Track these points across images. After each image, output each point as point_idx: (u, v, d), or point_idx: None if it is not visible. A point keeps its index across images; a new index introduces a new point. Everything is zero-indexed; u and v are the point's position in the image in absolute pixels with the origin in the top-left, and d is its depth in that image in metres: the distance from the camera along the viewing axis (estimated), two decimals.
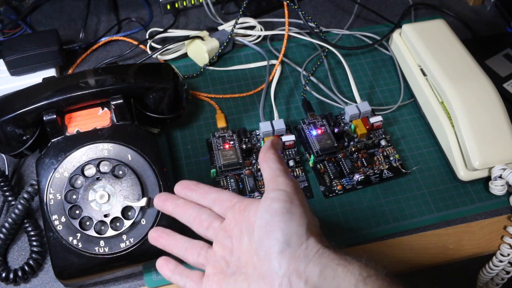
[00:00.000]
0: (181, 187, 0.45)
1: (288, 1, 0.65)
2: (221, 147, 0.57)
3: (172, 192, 0.45)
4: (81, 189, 0.48)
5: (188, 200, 0.44)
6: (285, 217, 0.37)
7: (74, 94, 0.50)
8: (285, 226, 0.36)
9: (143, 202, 0.47)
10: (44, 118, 0.50)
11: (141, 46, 0.69)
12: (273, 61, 0.67)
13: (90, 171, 0.49)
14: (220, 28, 0.70)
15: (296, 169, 0.57)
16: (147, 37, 0.70)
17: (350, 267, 0.35)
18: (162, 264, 0.43)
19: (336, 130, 0.59)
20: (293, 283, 0.35)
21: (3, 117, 0.50)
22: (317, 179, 0.57)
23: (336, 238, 0.52)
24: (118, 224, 0.47)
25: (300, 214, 0.37)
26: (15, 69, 0.62)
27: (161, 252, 0.47)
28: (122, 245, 0.47)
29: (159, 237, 0.44)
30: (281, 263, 0.35)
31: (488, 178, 0.56)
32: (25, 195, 0.50)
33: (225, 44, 0.66)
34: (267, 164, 0.41)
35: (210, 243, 0.42)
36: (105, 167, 0.49)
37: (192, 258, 0.42)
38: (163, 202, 0.44)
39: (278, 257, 0.36)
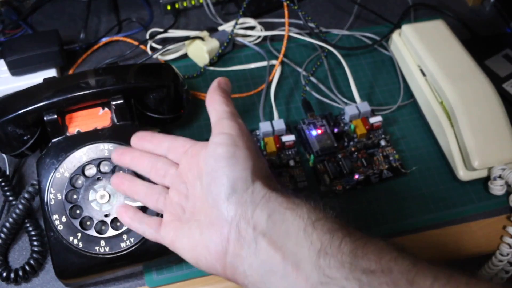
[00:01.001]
0: (137, 138, 0.45)
1: (288, 2, 0.65)
2: None
3: None
4: (82, 189, 0.48)
5: (145, 151, 0.44)
6: (230, 161, 0.36)
7: (74, 94, 0.51)
8: (229, 171, 0.36)
9: None
10: (45, 118, 0.50)
11: (142, 46, 0.69)
12: (273, 62, 0.67)
13: (91, 171, 0.49)
14: (220, 28, 0.70)
15: (296, 169, 0.57)
16: (147, 37, 0.70)
17: (299, 210, 0.34)
18: (121, 211, 0.43)
19: (336, 130, 0.59)
20: (241, 229, 0.35)
21: (4, 117, 0.50)
22: (317, 179, 0.57)
23: None
24: (118, 224, 0.47)
25: (245, 158, 0.36)
26: (16, 69, 0.62)
27: (161, 252, 0.47)
28: (123, 244, 0.47)
29: (121, 183, 0.44)
30: (228, 209, 0.35)
31: (487, 178, 0.56)
32: (26, 195, 0.50)
33: (225, 44, 0.67)
34: (213, 107, 0.40)
35: None
36: (105, 167, 0.49)
37: (152, 203, 0.42)
38: (120, 156, 0.45)
39: (225, 203, 0.35)
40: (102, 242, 0.47)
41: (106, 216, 0.47)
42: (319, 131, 0.58)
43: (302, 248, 0.32)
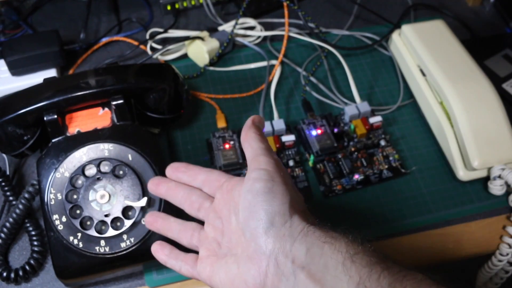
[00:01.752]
0: (172, 169, 0.45)
1: (288, 2, 0.65)
2: (221, 147, 0.57)
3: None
4: (82, 189, 0.48)
5: (180, 182, 0.44)
6: (267, 196, 0.36)
7: (74, 95, 0.51)
8: (267, 205, 0.36)
9: (143, 202, 0.47)
10: (45, 118, 0.50)
11: (142, 46, 0.69)
12: (273, 62, 0.67)
13: (91, 171, 0.49)
14: (220, 28, 0.70)
15: (296, 169, 0.57)
16: (147, 37, 0.70)
17: (337, 244, 0.34)
18: (157, 249, 0.43)
19: (335, 130, 0.59)
20: (280, 263, 0.35)
21: (4, 117, 0.50)
22: (317, 179, 0.57)
23: None
24: (118, 224, 0.47)
25: (282, 192, 0.37)
26: (16, 69, 0.62)
27: None
28: (123, 244, 0.47)
29: (154, 222, 0.44)
30: (266, 243, 0.35)
31: (487, 178, 0.56)
32: (26, 195, 0.50)
33: (225, 44, 0.67)
34: (249, 144, 0.40)
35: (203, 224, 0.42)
36: (105, 167, 0.49)
37: (186, 240, 0.43)
38: (156, 186, 0.45)
39: (263, 237, 0.36)
40: (102, 242, 0.47)
41: (106, 216, 0.47)
42: (319, 131, 0.58)
43: (341, 282, 0.32)
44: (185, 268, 0.41)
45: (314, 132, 0.58)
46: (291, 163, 0.57)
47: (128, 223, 0.47)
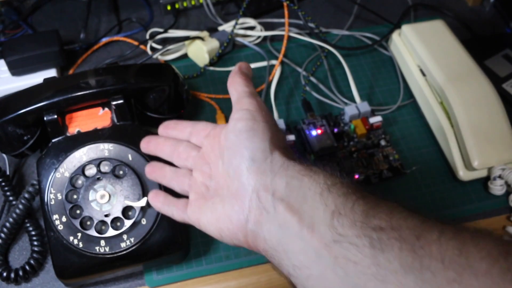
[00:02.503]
0: (162, 127, 0.48)
1: (288, 2, 0.65)
2: None
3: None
4: (82, 189, 0.48)
5: (168, 137, 0.47)
6: (249, 134, 0.38)
7: (75, 95, 0.51)
8: (249, 143, 0.38)
9: (143, 202, 0.47)
10: (45, 118, 0.50)
11: (142, 46, 0.69)
12: (273, 62, 0.67)
13: (91, 171, 0.49)
14: (220, 28, 0.70)
15: None
16: (147, 37, 0.70)
17: (316, 176, 0.36)
18: (152, 197, 0.46)
19: (336, 130, 0.59)
20: (261, 197, 0.36)
21: (4, 117, 0.50)
22: None
23: None
24: (118, 224, 0.47)
25: (263, 130, 0.38)
26: (16, 69, 0.62)
27: (161, 252, 0.47)
28: (123, 244, 0.47)
29: (152, 171, 0.47)
30: (248, 180, 0.37)
31: (487, 178, 0.56)
32: (26, 195, 0.50)
33: (225, 44, 0.67)
34: (234, 88, 0.43)
35: None
36: (105, 167, 0.49)
37: (178, 186, 0.45)
38: (147, 144, 0.48)
39: (246, 174, 0.37)
40: (102, 242, 0.47)
41: (106, 216, 0.47)
42: (319, 131, 0.58)
43: (318, 211, 0.34)
44: (176, 213, 0.43)
45: (314, 132, 0.58)
46: None
47: (128, 223, 0.47)
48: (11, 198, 0.53)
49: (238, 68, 0.44)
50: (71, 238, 0.46)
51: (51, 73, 0.64)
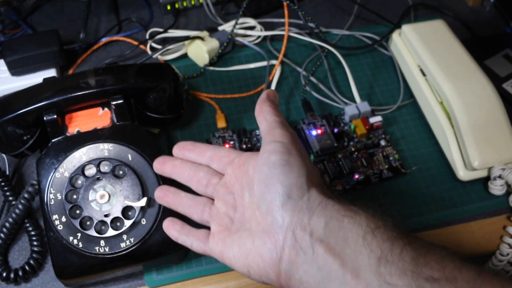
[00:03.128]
0: (178, 148, 0.45)
1: (288, 2, 0.65)
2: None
3: None
4: (82, 189, 0.48)
5: (186, 160, 0.44)
6: (284, 169, 0.36)
7: (74, 94, 0.51)
8: (284, 178, 0.35)
9: (143, 202, 0.47)
10: (45, 118, 0.50)
11: (142, 46, 0.69)
12: (273, 61, 0.67)
13: (91, 171, 0.49)
14: (220, 28, 0.70)
15: None
16: (147, 37, 0.70)
17: (357, 217, 0.33)
18: (168, 225, 0.43)
19: (335, 130, 0.59)
20: (297, 236, 0.34)
21: (4, 117, 0.50)
22: None
23: None
24: (118, 224, 0.47)
25: (299, 165, 0.36)
26: (15, 69, 0.62)
27: (161, 252, 0.47)
28: (123, 245, 0.47)
29: (165, 196, 0.44)
30: (283, 216, 0.35)
31: (487, 178, 0.56)
32: (26, 195, 0.50)
33: (225, 44, 0.66)
34: (263, 117, 0.40)
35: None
36: (105, 167, 0.49)
37: (197, 215, 0.42)
38: (162, 165, 0.45)
39: (280, 210, 0.35)
40: (102, 242, 0.47)
41: (106, 216, 0.47)
42: (319, 131, 0.58)
43: (362, 255, 0.32)
44: (196, 244, 0.41)
45: (314, 132, 0.58)
46: None
47: (128, 223, 0.47)
48: (10, 198, 0.53)
49: (266, 95, 0.42)
50: (71, 238, 0.46)
51: (51, 73, 0.64)
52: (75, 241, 0.46)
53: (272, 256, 0.35)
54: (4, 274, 0.49)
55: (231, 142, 0.57)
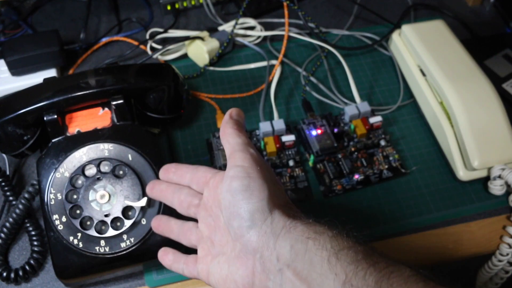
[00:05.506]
0: (163, 171, 0.46)
1: (288, 2, 0.65)
2: (221, 147, 0.57)
3: None
4: (82, 189, 0.48)
5: (170, 182, 0.45)
6: (245, 194, 0.36)
7: (74, 94, 0.51)
8: (245, 204, 0.36)
9: (143, 202, 0.47)
10: (45, 118, 0.50)
11: (142, 46, 0.69)
12: (273, 62, 0.67)
13: (91, 171, 0.49)
14: (220, 28, 0.70)
15: (296, 169, 0.57)
16: (147, 37, 0.70)
17: (321, 239, 0.34)
18: (162, 255, 0.44)
19: (335, 130, 0.59)
20: (266, 262, 0.35)
21: (4, 117, 0.50)
22: (317, 179, 0.57)
23: None
24: (118, 224, 0.47)
25: (259, 188, 0.36)
26: (16, 69, 0.62)
27: None
28: (123, 244, 0.47)
29: (159, 226, 0.45)
30: (251, 242, 0.36)
31: (487, 178, 0.56)
32: (26, 195, 0.50)
33: (225, 44, 0.67)
34: (226, 140, 0.40)
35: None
36: (105, 167, 0.49)
37: (186, 240, 0.43)
38: (151, 190, 0.46)
39: (246, 236, 0.36)
40: (102, 242, 0.47)
41: (106, 216, 0.47)
42: (319, 131, 0.58)
43: (327, 280, 0.32)
44: (187, 270, 0.42)
45: (314, 132, 0.58)
46: (291, 163, 0.57)
47: (128, 223, 0.47)
48: (11, 198, 0.53)
49: (229, 116, 0.42)
50: (71, 238, 0.46)
51: (51, 73, 0.64)
52: (75, 241, 0.46)
53: (244, 282, 0.36)
54: (5, 274, 0.49)
55: None
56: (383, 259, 0.33)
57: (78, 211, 0.47)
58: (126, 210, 0.48)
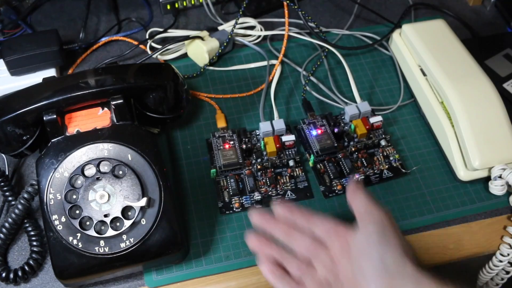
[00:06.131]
0: (279, 208, 0.46)
1: (288, 1, 0.65)
2: (221, 147, 0.57)
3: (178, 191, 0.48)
4: (81, 189, 0.48)
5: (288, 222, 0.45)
6: (380, 239, 0.39)
7: (74, 94, 0.50)
8: (380, 247, 0.38)
9: (143, 202, 0.47)
10: (44, 118, 0.50)
11: (141, 46, 0.69)
12: (273, 61, 0.67)
13: (90, 171, 0.49)
14: (220, 28, 0.70)
15: (296, 169, 0.57)
16: (147, 37, 0.70)
17: None
18: (263, 261, 0.44)
19: (336, 130, 0.59)
20: None
21: (3, 117, 0.50)
22: (317, 179, 0.57)
23: None
24: (118, 224, 0.47)
25: (394, 236, 0.39)
26: (15, 69, 0.62)
27: (161, 252, 0.47)
28: (122, 245, 0.47)
29: (259, 243, 0.45)
30: (378, 283, 0.37)
31: (488, 178, 0.56)
32: (25, 195, 0.50)
33: (225, 44, 0.66)
34: (356, 200, 0.43)
35: None
36: (105, 167, 0.49)
37: (292, 269, 0.43)
38: (259, 219, 0.45)
39: (375, 277, 0.37)
40: (102, 242, 0.46)
41: (105, 216, 0.47)
42: (319, 131, 0.58)
43: None
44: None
45: (314, 132, 0.58)
46: (291, 163, 0.57)
47: (127, 223, 0.47)
48: (10, 198, 0.53)
49: (356, 185, 0.44)
50: (71, 238, 0.46)
51: (51, 72, 0.64)
52: (75, 241, 0.46)
53: None
54: (4, 275, 0.49)
55: (231, 142, 0.57)
56: None
57: (77, 211, 0.47)
58: (126, 210, 0.47)
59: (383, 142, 0.59)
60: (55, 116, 0.50)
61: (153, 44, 0.69)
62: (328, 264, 0.41)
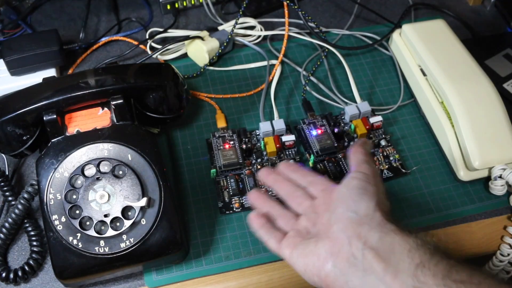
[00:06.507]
0: (284, 166, 0.51)
1: (288, 1, 0.65)
2: (221, 147, 0.57)
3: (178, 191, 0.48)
4: (81, 189, 0.48)
5: (287, 178, 0.50)
6: (359, 191, 0.43)
7: (74, 94, 0.50)
8: (357, 198, 0.42)
9: (143, 202, 0.47)
10: (44, 118, 0.50)
11: (141, 46, 0.69)
12: (273, 61, 0.67)
13: (90, 171, 0.49)
14: (220, 28, 0.70)
15: None
16: (147, 37, 0.70)
17: (407, 236, 0.39)
18: (253, 218, 0.47)
19: (336, 130, 0.59)
20: (352, 244, 0.39)
21: (3, 117, 0.50)
22: None
23: None
24: (118, 224, 0.47)
25: (373, 192, 0.43)
26: (15, 69, 0.62)
27: (161, 252, 0.47)
28: (122, 245, 0.47)
29: (257, 199, 0.49)
30: (347, 227, 0.41)
31: (488, 178, 0.56)
32: (25, 195, 0.50)
33: (225, 44, 0.66)
34: (356, 155, 0.47)
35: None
36: (105, 167, 0.49)
37: (282, 223, 0.47)
38: (266, 176, 0.51)
39: (345, 222, 0.41)
40: (102, 242, 0.46)
41: (105, 216, 0.47)
42: (319, 131, 0.58)
43: (403, 262, 0.37)
44: (272, 242, 0.45)
45: (314, 132, 0.58)
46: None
47: (127, 223, 0.47)
48: (10, 198, 0.53)
49: (362, 144, 0.49)
50: (71, 238, 0.46)
51: (51, 72, 0.64)
52: (75, 241, 0.46)
53: (326, 256, 0.40)
54: (4, 275, 0.49)
55: (231, 142, 0.57)
56: (458, 262, 0.38)
57: (77, 211, 0.47)
58: (126, 210, 0.47)
59: (383, 142, 0.59)
60: (55, 116, 0.50)
61: (153, 44, 0.69)
62: (313, 217, 0.45)
